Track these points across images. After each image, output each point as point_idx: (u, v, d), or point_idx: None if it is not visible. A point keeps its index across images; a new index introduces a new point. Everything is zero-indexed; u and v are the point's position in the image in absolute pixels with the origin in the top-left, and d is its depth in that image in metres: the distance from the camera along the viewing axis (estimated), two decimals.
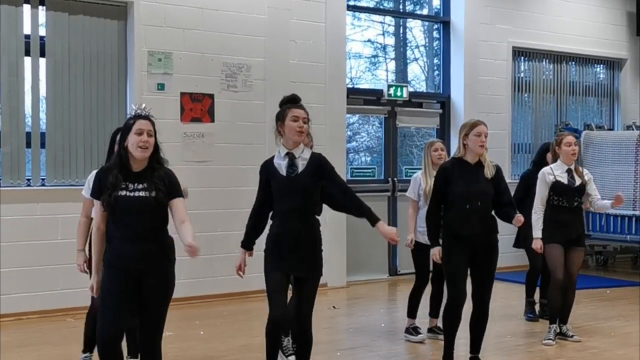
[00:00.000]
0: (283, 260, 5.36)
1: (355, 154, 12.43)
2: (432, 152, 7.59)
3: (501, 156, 12.29)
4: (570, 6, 13.23)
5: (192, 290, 9.47)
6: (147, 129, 4.75)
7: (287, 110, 5.36)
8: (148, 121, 4.80)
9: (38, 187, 8.82)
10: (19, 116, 8.74)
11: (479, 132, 6.17)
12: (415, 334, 7.61)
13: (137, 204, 4.70)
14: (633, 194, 11.22)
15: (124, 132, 4.81)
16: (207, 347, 7.38)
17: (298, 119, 5.33)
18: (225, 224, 9.58)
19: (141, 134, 4.72)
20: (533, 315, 8.60)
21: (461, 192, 6.11)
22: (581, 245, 7.61)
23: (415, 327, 7.65)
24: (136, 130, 4.73)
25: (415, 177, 7.66)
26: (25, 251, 8.54)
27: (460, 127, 6.40)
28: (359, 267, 11.13)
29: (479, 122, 6.25)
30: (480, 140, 6.15)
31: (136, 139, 4.72)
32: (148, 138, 4.74)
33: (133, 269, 4.75)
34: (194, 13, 9.60)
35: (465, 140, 6.21)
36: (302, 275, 5.42)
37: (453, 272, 6.19)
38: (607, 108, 14.19)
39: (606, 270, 12.63)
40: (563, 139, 7.53)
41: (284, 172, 5.35)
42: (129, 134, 4.75)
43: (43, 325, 8.26)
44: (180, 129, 9.50)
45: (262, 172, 5.47)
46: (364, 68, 12.38)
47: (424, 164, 7.65)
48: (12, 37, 8.68)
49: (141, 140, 4.71)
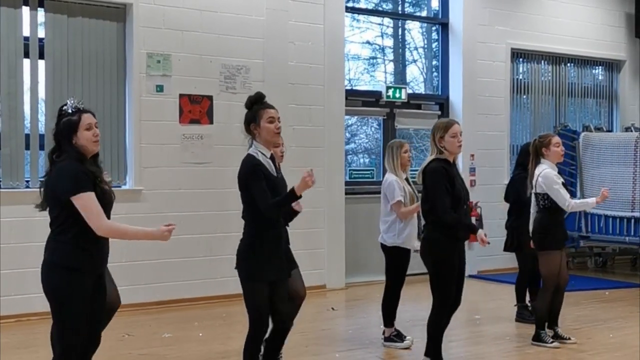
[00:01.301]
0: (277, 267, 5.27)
1: (353, 156, 12.43)
2: (402, 153, 7.46)
3: (500, 158, 12.31)
4: (568, 8, 13.24)
5: (191, 292, 9.48)
6: (94, 122, 4.66)
7: (260, 111, 5.24)
8: (91, 114, 4.68)
9: (37, 188, 8.78)
10: (17, 118, 8.75)
11: (454, 132, 6.09)
12: (401, 340, 7.41)
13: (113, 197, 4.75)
14: (632, 196, 11.22)
15: (68, 129, 4.62)
16: (206, 349, 7.37)
17: (274, 120, 5.25)
18: (224, 225, 9.58)
19: (91, 128, 4.61)
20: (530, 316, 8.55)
21: (460, 193, 6.09)
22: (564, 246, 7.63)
23: (398, 334, 7.46)
24: (86, 125, 4.61)
25: (392, 180, 7.39)
26: (25, 253, 8.52)
27: (432, 128, 6.24)
28: (357, 269, 11.12)
29: (452, 122, 6.18)
30: (458, 141, 6.10)
31: (88, 134, 4.60)
32: (97, 130, 4.66)
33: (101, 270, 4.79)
34: (192, 15, 9.61)
35: (441, 143, 6.11)
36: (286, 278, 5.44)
37: (449, 279, 6.09)
38: (606, 109, 14.20)
39: (605, 271, 12.64)
40: (551, 140, 7.41)
41: (274, 172, 5.30)
42: (78, 131, 4.60)
43: (43, 327, 8.21)
44: (179, 130, 9.50)
45: (260, 168, 5.22)
46: (362, 70, 12.39)
47: (391, 165, 7.46)
48: (11, 38, 8.68)
49: (94, 135, 4.62)
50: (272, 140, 5.27)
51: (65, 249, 4.55)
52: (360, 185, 11.38)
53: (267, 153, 5.28)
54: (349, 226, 10.84)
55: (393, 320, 7.48)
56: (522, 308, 8.62)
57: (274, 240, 5.25)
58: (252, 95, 5.36)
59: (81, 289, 4.54)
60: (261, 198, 5.12)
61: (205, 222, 9.55)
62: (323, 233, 10.57)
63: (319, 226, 10.46)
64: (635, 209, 11.17)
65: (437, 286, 6.15)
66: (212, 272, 9.62)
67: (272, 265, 5.23)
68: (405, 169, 7.52)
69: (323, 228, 10.56)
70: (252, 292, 5.22)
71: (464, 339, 7.75)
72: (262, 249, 5.20)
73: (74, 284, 4.52)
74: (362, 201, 11.26)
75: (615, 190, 10.98)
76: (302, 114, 10.39)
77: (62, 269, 4.52)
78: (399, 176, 7.40)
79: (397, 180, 7.38)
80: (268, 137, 5.24)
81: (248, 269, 5.22)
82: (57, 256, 4.56)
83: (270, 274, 5.22)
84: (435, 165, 6.11)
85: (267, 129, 5.22)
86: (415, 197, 7.37)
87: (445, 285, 6.10)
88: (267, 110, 5.24)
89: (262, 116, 5.23)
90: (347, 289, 10.68)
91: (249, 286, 5.23)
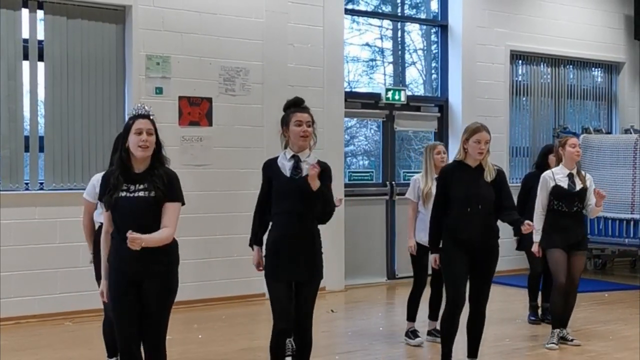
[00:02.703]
0: (284, 268, 5.36)
1: (353, 158, 12.43)
2: (434, 155, 7.59)
3: (499, 160, 12.28)
4: (568, 9, 13.25)
5: (190, 294, 9.46)
6: (147, 128, 4.72)
7: (290, 115, 5.42)
8: (147, 120, 4.77)
9: (36, 191, 8.82)
10: (17, 120, 8.74)
11: (478, 139, 6.12)
12: (414, 338, 7.61)
13: (136, 204, 4.67)
14: (631, 198, 11.22)
15: (124, 133, 4.80)
16: (205, 351, 7.37)
17: (302, 124, 5.38)
18: (223, 227, 9.58)
19: (140, 133, 4.70)
20: (535, 318, 8.60)
21: (462, 195, 6.08)
22: (582, 249, 7.59)
23: (414, 331, 7.65)
24: (135, 130, 4.70)
25: (415, 178, 7.69)
26: (24, 255, 8.53)
27: (463, 129, 6.38)
28: (357, 271, 11.12)
29: (481, 129, 6.17)
30: (479, 148, 6.11)
31: (136, 138, 4.69)
32: (148, 137, 4.71)
33: (132, 272, 4.71)
34: (192, 17, 9.61)
35: (465, 145, 6.19)
36: (303, 280, 5.43)
37: (453, 276, 6.16)
38: (605, 111, 14.20)
39: (604, 273, 12.64)
40: (568, 140, 7.54)
41: (287, 173, 5.38)
42: (129, 135, 4.73)
43: (42, 329, 8.26)
44: (178, 132, 9.50)
45: (266, 170, 5.49)
46: (361, 72, 12.39)
47: (425, 167, 7.65)
48: (11, 41, 8.68)
49: (141, 140, 4.69)
50: (298, 144, 5.42)
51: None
52: (359, 187, 11.38)
53: (289, 154, 5.44)
54: (349, 228, 10.83)
55: (414, 315, 7.70)
56: (531, 307, 8.67)
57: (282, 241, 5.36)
58: (290, 99, 5.57)
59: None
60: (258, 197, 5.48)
61: (205, 224, 9.54)
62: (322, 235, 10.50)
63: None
64: (635, 210, 11.17)
65: (445, 283, 6.32)
66: (212, 274, 9.63)
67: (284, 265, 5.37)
68: (437, 170, 7.53)
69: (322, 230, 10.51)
70: (268, 288, 5.46)
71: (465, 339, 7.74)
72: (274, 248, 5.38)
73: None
74: (361, 203, 11.26)
75: (615, 192, 10.99)
76: None
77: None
78: (430, 176, 7.52)
79: (419, 178, 7.63)
80: (294, 140, 5.42)
81: (265, 266, 5.46)
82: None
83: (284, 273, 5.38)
84: (444, 168, 6.43)
85: (293, 131, 5.41)
86: None
87: (452, 286, 6.15)
88: (296, 114, 5.43)
89: (291, 119, 5.42)
90: (347, 291, 10.68)
91: (267, 283, 5.47)
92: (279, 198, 5.38)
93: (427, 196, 7.41)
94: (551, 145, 8.81)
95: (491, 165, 6.22)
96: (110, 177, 4.77)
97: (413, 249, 7.53)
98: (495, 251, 6.22)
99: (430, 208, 7.05)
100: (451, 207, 6.17)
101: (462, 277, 6.15)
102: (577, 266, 7.52)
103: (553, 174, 7.54)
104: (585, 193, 7.48)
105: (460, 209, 6.09)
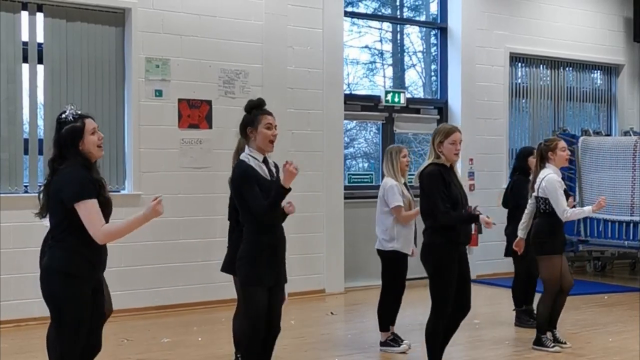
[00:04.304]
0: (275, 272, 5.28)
1: (352, 160, 12.44)
2: (401, 158, 7.48)
3: (498, 162, 12.33)
4: (567, 12, 13.26)
5: (190, 297, 9.47)
6: (97, 126, 4.70)
7: (259, 117, 5.28)
8: (92, 119, 4.72)
9: (36, 193, 8.79)
10: (16, 123, 8.75)
11: (453, 140, 6.06)
12: (397, 345, 7.41)
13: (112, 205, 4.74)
14: (630, 200, 11.22)
15: (72, 136, 4.62)
16: (205, 353, 7.37)
17: (271, 127, 5.29)
18: (223, 230, 9.47)
19: (95, 132, 4.65)
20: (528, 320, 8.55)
21: (457, 196, 6.06)
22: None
23: (394, 338, 7.45)
24: (91, 130, 4.64)
25: (392, 184, 7.39)
26: (23, 258, 8.51)
27: (433, 132, 6.24)
28: (356, 273, 11.11)
29: (454, 129, 6.14)
30: (456, 149, 6.07)
31: (93, 138, 4.64)
32: (100, 133, 4.69)
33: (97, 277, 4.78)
34: (191, 19, 9.61)
35: (440, 148, 6.08)
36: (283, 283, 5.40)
37: (448, 285, 6.04)
38: (605, 114, 14.21)
39: (604, 275, 12.64)
40: (558, 144, 7.43)
41: (267, 176, 5.28)
42: (84, 136, 4.62)
43: (42, 332, 8.18)
44: (177, 135, 9.51)
45: (252, 173, 5.23)
46: (361, 74, 12.40)
47: (390, 170, 7.47)
48: (10, 43, 8.68)
49: (99, 138, 4.66)
50: (265, 147, 5.30)
51: (64, 255, 4.54)
52: (359, 189, 11.37)
53: (260, 157, 5.29)
54: (348, 230, 10.83)
55: (389, 324, 7.47)
56: (521, 312, 8.61)
57: (272, 245, 5.26)
58: (254, 100, 5.40)
59: (79, 295, 4.54)
60: (254, 203, 5.15)
61: (204, 226, 9.54)
62: (322, 237, 10.55)
63: (317, 231, 10.44)
64: (634, 212, 11.17)
65: (436, 291, 6.11)
66: (211, 276, 9.59)
67: (270, 270, 5.24)
68: (404, 174, 7.52)
69: (322, 232, 10.55)
70: (250, 296, 5.23)
71: (463, 343, 7.74)
72: (261, 254, 5.20)
73: (73, 289, 4.52)
74: (361, 205, 11.25)
75: (614, 194, 10.99)
76: (301, 118, 10.40)
77: (61, 274, 4.52)
78: (398, 181, 7.41)
79: (397, 184, 7.38)
80: (263, 143, 5.27)
81: (247, 273, 5.23)
82: (56, 262, 4.55)
83: (269, 279, 5.23)
84: (432, 169, 6.09)
85: (263, 134, 5.26)
86: (412, 202, 7.39)
87: (445, 291, 6.05)
88: (266, 116, 5.29)
89: (261, 121, 5.27)
90: (346, 294, 10.67)
91: (248, 290, 5.24)
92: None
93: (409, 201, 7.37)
94: (531, 148, 8.70)
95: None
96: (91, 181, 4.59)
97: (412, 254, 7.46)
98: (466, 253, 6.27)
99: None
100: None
101: (453, 285, 6.06)
102: (567, 267, 7.62)
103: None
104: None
105: (457, 210, 6.06)
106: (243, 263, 5.27)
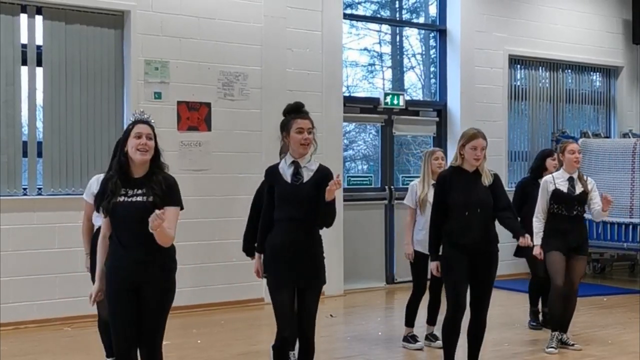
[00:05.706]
0: (287, 274, 5.34)
1: (352, 162, 12.44)
2: (432, 160, 7.59)
3: (498, 164, 12.30)
4: (566, 14, 13.27)
5: (189, 299, 9.45)
6: (146, 133, 4.74)
7: (291, 121, 5.37)
8: (147, 125, 4.79)
9: (35, 196, 8.81)
10: (15, 125, 8.74)
11: (474, 145, 6.11)
12: (414, 342, 7.63)
13: (134, 210, 4.66)
14: (630, 202, 11.23)
15: (123, 137, 4.81)
16: (204, 356, 7.37)
17: (303, 131, 5.35)
18: (222, 232, 9.58)
19: (140, 137, 4.72)
20: (536, 323, 8.58)
21: (460, 200, 6.07)
22: (582, 254, 7.60)
23: (413, 335, 7.66)
24: (135, 134, 4.73)
25: (413, 185, 7.68)
26: (23, 260, 8.52)
27: (460, 135, 6.36)
28: (356, 276, 11.12)
29: (477, 135, 6.17)
30: (476, 154, 6.11)
31: (135, 142, 4.71)
32: (147, 141, 4.73)
33: (130, 276, 4.69)
34: (190, 22, 9.61)
35: (462, 151, 6.18)
36: (304, 286, 5.41)
37: (454, 282, 6.13)
38: (604, 116, 14.21)
39: (603, 277, 12.64)
40: (567, 147, 7.54)
41: (288, 179, 5.35)
42: (128, 139, 4.75)
43: (41, 335, 8.25)
44: (177, 137, 9.50)
45: (268, 176, 5.47)
46: (360, 76, 12.40)
47: (422, 172, 7.64)
48: (9, 46, 8.68)
49: (140, 143, 4.70)
50: (299, 151, 5.39)
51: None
52: (358, 192, 11.38)
53: (289, 160, 5.40)
54: (347, 233, 10.83)
55: (412, 321, 7.71)
56: (532, 313, 8.66)
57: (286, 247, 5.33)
58: (291, 104, 5.51)
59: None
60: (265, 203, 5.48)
61: (204, 229, 9.53)
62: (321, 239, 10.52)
63: None
64: (634, 214, 11.18)
65: (446, 290, 6.31)
66: (211, 279, 9.62)
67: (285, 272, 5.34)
68: (435, 176, 7.52)
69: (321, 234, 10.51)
70: (271, 296, 5.43)
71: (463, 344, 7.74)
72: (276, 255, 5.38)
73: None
74: (360, 208, 11.26)
75: (614, 196, 10.95)
76: None
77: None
78: (427, 182, 7.52)
79: (416, 184, 7.63)
80: (295, 147, 5.38)
81: (268, 273, 5.47)
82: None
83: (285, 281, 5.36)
84: (442, 174, 6.39)
85: (294, 138, 5.37)
86: None
87: (451, 290, 6.15)
88: (297, 121, 5.38)
89: (292, 126, 5.37)
90: (346, 296, 10.67)
91: (269, 290, 5.46)
92: (281, 204, 5.36)
93: (422, 202, 7.42)
94: (549, 150, 8.83)
95: (487, 170, 6.23)
96: (109, 182, 4.76)
97: (411, 256, 7.54)
98: (495, 257, 6.21)
99: (426, 214, 7.07)
100: (450, 212, 6.14)
101: (462, 281, 6.12)
102: (577, 270, 7.52)
103: (553, 178, 7.57)
104: (585, 197, 7.49)
105: (460, 213, 6.08)
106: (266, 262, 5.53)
